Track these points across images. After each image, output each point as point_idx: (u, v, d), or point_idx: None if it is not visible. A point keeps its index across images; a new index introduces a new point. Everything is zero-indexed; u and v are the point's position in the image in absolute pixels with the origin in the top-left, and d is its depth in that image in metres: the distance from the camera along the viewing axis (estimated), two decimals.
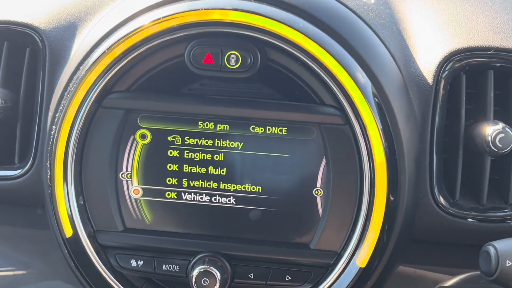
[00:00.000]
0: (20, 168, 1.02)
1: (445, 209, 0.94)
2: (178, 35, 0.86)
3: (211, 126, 0.90)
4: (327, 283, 0.88)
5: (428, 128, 0.94)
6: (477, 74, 0.96)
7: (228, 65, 0.86)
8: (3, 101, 1.00)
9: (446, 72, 0.94)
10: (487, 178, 0.93)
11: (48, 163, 0.91)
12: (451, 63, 0.94)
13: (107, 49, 0.88)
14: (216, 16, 0.85)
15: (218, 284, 0.87)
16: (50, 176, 0.91)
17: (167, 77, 0.90)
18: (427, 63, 0.95)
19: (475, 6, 1.06)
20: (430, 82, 0.94)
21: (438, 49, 0.96)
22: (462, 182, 0.95)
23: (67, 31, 1.03)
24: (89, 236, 0.92)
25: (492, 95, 0.94)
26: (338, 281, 0.88)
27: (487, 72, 0.94)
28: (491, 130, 0.90)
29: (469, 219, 0.94)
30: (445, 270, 0.99)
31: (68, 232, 0.92)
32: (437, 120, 0.94)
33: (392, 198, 0.87)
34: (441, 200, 0.94)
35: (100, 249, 0.93)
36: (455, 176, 0.94)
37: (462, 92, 0.94)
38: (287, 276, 0.90)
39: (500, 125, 0.90)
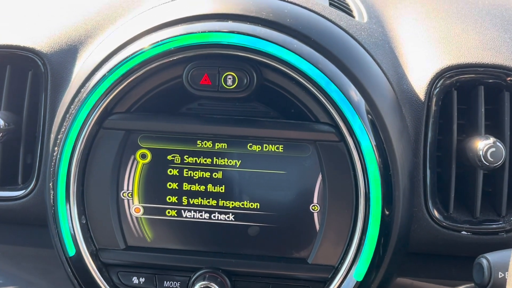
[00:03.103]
0: (23, 189, 1.04)
1: (439, 222, 0.96)
2: (176, 58, 0.89)
3: (210, 145, 0.92)
4: None
5: (421, 143, 0.96)
6: (468, 89, 0.98)
7: (225, 86, 0.89)
8: (6, 124, 1.03)
9: (438, 89, 0.97)
10: (479, 191, 0.95)
11: (51, 184, 0.94)
12: (442, 80, 0.97)
13: (108, 72, 0.90)
14: (213, 38, 0.88)
15: None
16: (53, 196, 0.93)
17: (166, 98, 0.93)
18: (419, 80, 0.98)
19: (466, 23, 1.09)
20: (422, 99, 0.97)
21: (429, 66, 0.98)
22: (455, 196, 0.97)
23: (68, 54, 1.06)
24: (91, 254, 0.94)
25: (483, 110, 0.96)
26: None
27: (478, 88, 0.97)
28: (482, 144, 0.92)
29: (463, 232, 0.96)
30: (442, 282, 1.01)
31: (71, 251, 0.94)
32: (429, 135, 0.96)
33: (387, 213, 0.89)
34: (435, 213, 0.96)
35: (103, 267, 0.94)
36: (448, 190, 0.96)
37: (454, 107, 0.97)
38: None
39: (491, 140, 0.92)
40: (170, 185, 0.94)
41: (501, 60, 0.97)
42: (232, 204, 0.93)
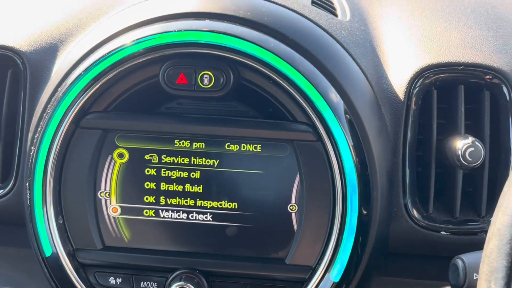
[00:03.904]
0: (2, 188, 1.04)
1: (419, 222, 0.95)
2: (152, 57, 0.88)
3: (187, 145, 0.92)
4: None
5: (400, 143, 0.96)
6: (449, 88, 0.98)
7: (201, 85, 0.88)
8: None
9: (417, 88, 0.96)
10: (459, 191, 0.95)
11: (27, 184, 0.93)
12: (422, 79, 0.96)
13: (84, 71, 0.90)
14: (189, 37, 0.87)
15: None
16: (29, 196, 0.93)
17: (144, 97, 0.92)
18: (399, 79, 0.97)
19: (449, 21, 1.08)
20: (401, 98, 0.96)
21: (409, 65, 0.98)
22: (436, 195, 0.96)
23: (48, 53, 1.05)
24: (68, 254, 0.93)
25: (462, 109, 0.95)
26: None
27: (458, 87, 0.96)
28: (461, 144, 0.91)
29: (443, 232, 0.95)
30: (422, 282, 1.00)
31: (48, 251, 0.93)
32: (409, 135, 0.96)
33: (365, 212, 0.88)
34: (415, 213, 0.95)
35: (80, 267, 0.94)
36: (428, 190, 0.96)
37: (434, 107, 0.96)
38: None
39: (470, 139, 0.91)
40: (147, 185, 0.93)
41: (481, 59, 0.97)
42: (210, 204, 0.92)
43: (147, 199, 0.93)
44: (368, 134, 0.89)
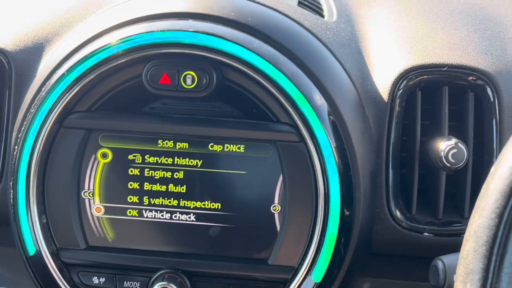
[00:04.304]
0: None
1: (401, 223, 0.95)
2: (135, 56, 0.88)
3: (171, 145, 0.92)
4: None
5: (384, 144, 0.96)
6: (433, 90, 0.98)
7: (184, 85, 0.88)
8: None
9: (401, 90, 0.96)
10: (442, 192, 0.95)
11: (11, 183, 0.93)
12: (406, 81, 0.96)
13: (67, 70, 0.90)
14: (172, 37, 0.87)
15: None
16: (13, 195, 0.93)
17: (127, 97, 0.92)
18: (383, 81, 0.97)
19: (436, 22, 1.08)
20: (385, 99, 0.96)
21: (394, 66, 0.98)
22: (419, 197, 0.97)
23: (34, 53, 1.05)
24: (52, 254, 0.93)
25: (446, 111, 0.95)
26: None
27: (442, 88, 0.96)
28: (444, 145, 0.91)
29: (425, 233, 0.95)
30: (406, 283, 1.00)
31: (31, 250, 0.93)
32: (392, 136, 0.96)
33: (347, 213, 0.89)
34: (398, 214, 0.95)
35: (63, 267, 0.94)
36: (411, 191, 0.96)
37: (418, 108, 0.96)
38: None
39: (453, 141, 0.91)
40: (131, 184, 0.93)
41: (465, 61, 0.97)
42: (193, 204, 0.92)
43: (130, 199, 0.93)
44: (351, 136, 0.89)
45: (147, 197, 0.93)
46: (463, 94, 0.98)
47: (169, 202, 0.93)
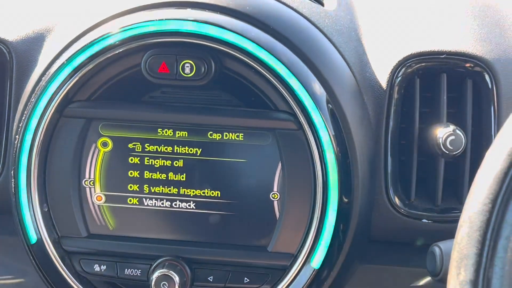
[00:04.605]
0: None
1: (400, 210, 0.96)
2: (134, 45, 0.89)
3: (170, 133, 0.92)
4: (284, 285, 0.91)
5: (382, 131, 0.96)
6: (432, 77, 0.98)
7: (183, 74, 0.89)
8: None
9: (400, 77, 0.96)
10: (441, 179, 0.95)
11: (12, 172, 0.94)
12: (404, 68, 0.96)
13: (66, 60, 0.90)
14: (171, 26, 0.88)
15: (177, 287, 0.90)
16: (14, 184, 0.94)
17: (127, 86, 0.93)
18: (382, 68, 0.98)
19: (436, 10, 1.08)
20: (384, 87, 0.96)
21: (392, 54, 0.98)
22: (418, 184, 0.97)
23: (35, 43, 1.05)
24: (53, 242, 0.94)
25: (445, 98, 0.96)
26: (294, 282, 0.90)
27: (441, 75, 0.96)
28: (442, 132, 0.92)
29: (424, 220, 0.96)
30: (404, 269, 1.01)
31: (33, 238, 0.94)
32: (391, 123, 0.96)
33: (345, 200, 0.89)
34: (396, 201, 0.96)
35: (65, 255, 0.95)
36: (410, 178, 0.96)
37: (416, 95, 0.97)
38: (245, 278, 0.92)
39: (451, 128, 0.92)
40: (131, 173, 0.94)
41: (464, 48, 0.97)
42: (193, 192, 0.93)
43: (131, 187, 0.94)
44: (349, 123, 0.90)
45: (147, 185, 0.94)
46: (461, 81, 0.98)
47: (169, 190, 0.93)
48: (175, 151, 0.93)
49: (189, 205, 0.93)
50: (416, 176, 0.97)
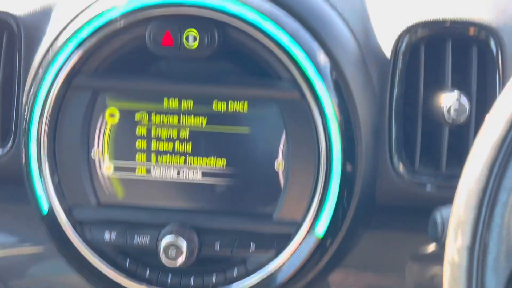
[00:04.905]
0: (1, 147, 1.07)
1: (405, 177, 0.97)
2: (139, 18, 0.90)
3: (176, 104, 0.94)
4: (289, 251, 0.92)
5: (386, 99, 0.96)
6: (437, 44, 0.98)
7: (187, 45, 0.89)
8: None
9: (404, 45, 0.96)
10: (445, 146, 0.96)
11: (23, 143, 0.96)
12: (408, 36, 0.96)
13: (72, 32, 0.91)
14: None
15: (184, 254, 0.92)
16: (25, 155, 0.96)
17: (133, 57, 0.94)
18: (386, 37, 0.97)
19: None
20: (388, 55, 0.96)
21: (397, 22, 0.98)
22: (423, 151, 0.97)
23: (43, 16, 1.06)
24: (64, 211, 0.97)
25: (450, 65, 0.95)
26: (298, 249, 0.92)
27: (445, 42, 0.96)
28: (446, 100, 0.92)
29: (428, 186, 0.96)
30: (409, 235, 1.02)
31: (45, 208, 0.97)
32: (395, 91, 0.96)
33: (349, 168, 0.90)
34: (401, 168, 0.97)
35: (76, 223, 0.97)
36: (414, 145, 0.97)
37: (421, 63, 0.96)
38: (251, 245, 0.94)
39: (455, 95, 0.92)
40: (138, 143, 0.95)
41: (469, 14, 0.96)
42: (199, 161, 0.95)
43: (138, 157, 0.96)
44: (352, 92, 0.90)
45: (154, 155, 0.95)
46: (466, 48, 0.97)
47: (176, 160, 0.95)
48: (181, 121, 0.94)
49: (196, 175, 0.95)
50: (421, 144, 0.97)
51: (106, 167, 0.97)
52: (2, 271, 1.14)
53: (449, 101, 0.91)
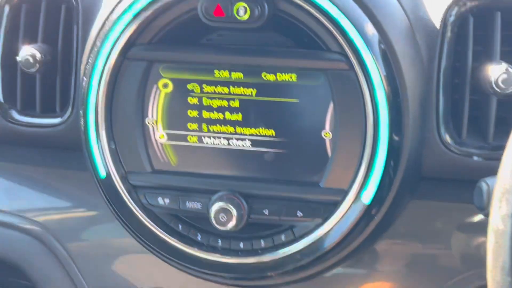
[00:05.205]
0: (60, 116, 1.12)
1: (451, 147, 0.97)
2: None
3: (226, 74, 0.97)
4: (335, 218, 0.95)
5: (435, 70, 0.97)
6: (486, 15, 0.97)
7: (237, 16, 0.92)
8: (42, 55, 1.10)
9: (453, 16, 0.96)
10: (493, 117, 0.96)
11: (81, 111, 1.01)
12: (457, 7, 0.96)
13: (127, 5, 0.95)
14: None
15: (234, 219, 0.95)
16: (83, 123, 1.01)
17: (186, 29, 0.97)
18: (435, 7, 0.98)
19: None
20: (437, 26, 0.97)
21: None
22: (470, 122, 0.98)
23: None
24: (121, 177, 1.02)
25: (499, 36, 0.95)
26: (345, 215, 0.94)
27: (495, 13, 0.96)
28: (494, 70, 0.92)
29: (475, 157, 0.97)
30: (455, 205, 1.03)
31: (102, 174, 1.02)
32: (443, 62, 0.97)
33: (396, 138, 0.92)
34: (447, 139, 0.98)
35: (131, 188, 1.02)
36: (462, 116, 0.97)
37: (469, 34, 0.96)
38: (298, 212, 0.97)
39: (504, 66, 0.92)
40: (190, 113, 0.99)
41: None
42: (249, 131, 0.98)
43: (190, 126, 0.99)
44: (400, 63, 0.91)
45: (205, 124, 0.99)
46: None
47: (226, 129, 0.98)
48: (231, 91, 0.97)
49: (245, 143, 0.98)
50: (468, 115, 0.98)
51: (159, 134, 1.01)
52: (60, 233, 1.20)
53: (497, 72, 0.91)
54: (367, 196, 0.93)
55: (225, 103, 0.97)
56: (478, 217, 1.03)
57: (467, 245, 1.06)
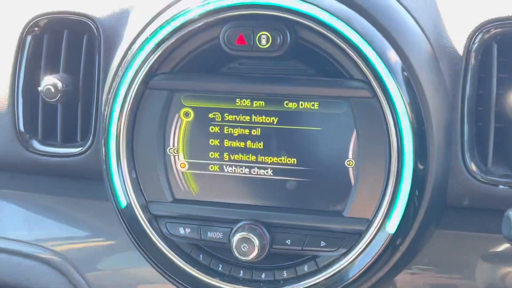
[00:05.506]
0: (81, 146, 1.12)
1: (477, 176, 0.96)
2: (213, 19, 0.93)
3: (248, 103, 0.96)
4: (360, 248, 0.93)
5: (459, 98, 0.96)
6: (510, 42, 0.97)
7: (259, 45, 0.92)
8: (64, 85, 1.11)
9: (477, 44, 0.96)
10: None
11: (103, 141, 1.01)
12: (481, 34, 0.96)
13: (149, 35, 0.95)
14: None
15: (256, 249, 0.94)
16: (105, 152, 1.01)
17: (207, 58, 0.97)
18: (458, 34, 0.97)
19: None
20: (460, 54, 0.96)
21: (469, 20, 0.97)
22: (495, 150, 0.97)
23: (120, 18, 1.12)
24: (141, 206, 1.01)
25: None
26: (369, 246, 0.93)
27: None
28: None
29: (501, 186, 0.96)
30: (481, 235, 1.01)
31: (123, 203, 1.01)
32: (467, 90, 0.96)
33: (421, 167, 0.90)
34: (473, 167, 0.96)
35: (152, 218, 1.01)
36: (487, 144, 0.96)
37: (494, 62, 0.96)
38: (321, 242, 0.95)
39: None
40: (212, 141, 0.98)
41: None
42: (271, 159, 0.97)
43: (212, 155, 0.99)
44: (424, 90, 0.90)
45: (227, 153, 0.98)
46: None
47: (248, 157, 0.97)
48: (253, 120, 0.96)
49: (267, 172, 0.97)
50: (494, 143, 0.96)
51: (181, 164, 1.00)
52: (78, 263, 1.19)
53: None
54: (392, 226, 0.92)
55: (246, 131, 0.97)
56: (504, 247, 1.01)
57: (493, 276, 1.03)
